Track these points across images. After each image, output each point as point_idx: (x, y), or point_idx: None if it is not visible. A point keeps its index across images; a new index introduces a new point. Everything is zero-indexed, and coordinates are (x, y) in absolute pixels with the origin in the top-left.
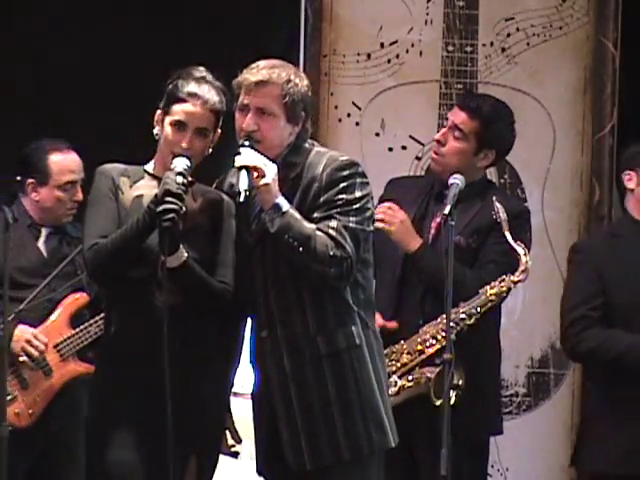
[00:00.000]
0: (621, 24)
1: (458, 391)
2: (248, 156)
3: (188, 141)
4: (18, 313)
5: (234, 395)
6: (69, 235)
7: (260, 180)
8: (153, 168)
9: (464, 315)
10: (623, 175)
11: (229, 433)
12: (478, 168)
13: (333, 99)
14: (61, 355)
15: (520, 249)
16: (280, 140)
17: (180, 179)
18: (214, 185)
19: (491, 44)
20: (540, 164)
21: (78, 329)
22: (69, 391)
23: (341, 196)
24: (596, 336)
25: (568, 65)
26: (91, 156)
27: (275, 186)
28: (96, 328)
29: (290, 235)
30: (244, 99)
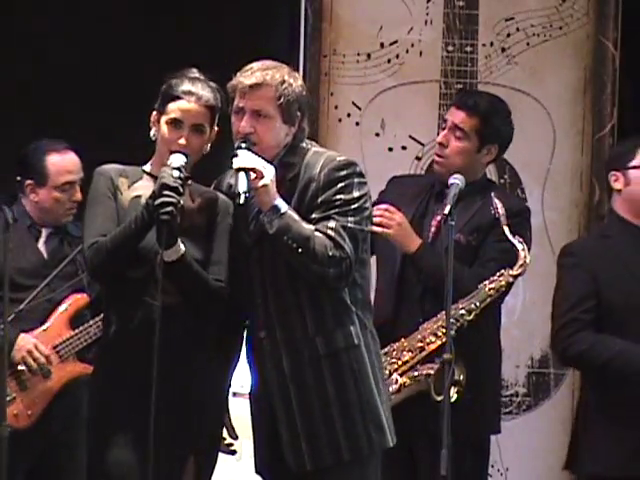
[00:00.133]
0: (621, 24)
1: (459, 387)
2: (246, 158)
3: (185, 138)
4: (18, 313)
5: (233, 395)
6: (70, 235)
7: (258, 182)
8: (151, 168)
9: (463, 311)
10: (609, 176)
11: (226, 430)
12: (481, 165)
13: (333, 99)
14: (60, 356)
15: (518, 244)
16: (277, 141)
17: (177, 173)
18: (212, 186)
19: (491, 44)
20: (540, 164)
21: (77, 330)
22: (70, 392)
23: (339, 196)
24: (587, 340)
25: (568, 65)
26: (91, 156)
27: (273, 187)
28: (96, 329)
29: (289, 236)
30: (239, 102)
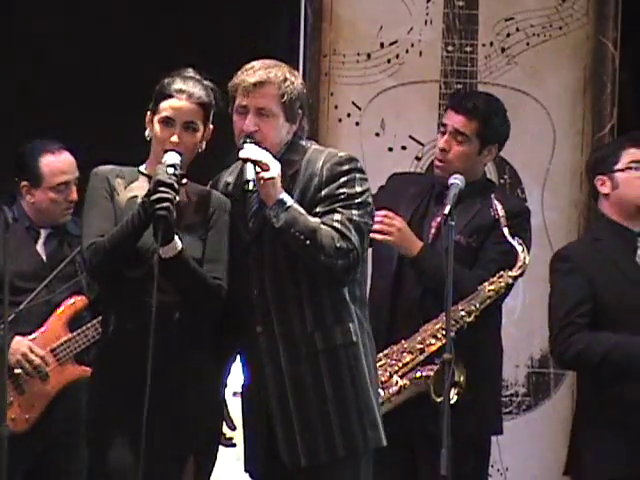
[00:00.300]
0: (621, 24)
1: (459, 389)
2: (253, 150)
3: (177, 136)
4: (18, 313)
5: (234, 395)
6: (70, 234)
7: (265, 174)
8: (147, 169)
9: (463, 312)
10: (595, 181)
11: (224, 422)
12: (481, 165)
13: (333, 99)
14: (58, 359)
15: (518, 245)
16: (280, 139)
17: (171, 170)
18: (209, 185)
19: (491, 44)
20: (540, 164)
21: (75, 333)
22: (69, 394)
23: (342, 190)
24: (583, 340)
25: (568, 65)
26: (91, 156)
27: (279, 181)
28: (94, 332)
29: (296, 229)
30: (242, 101)
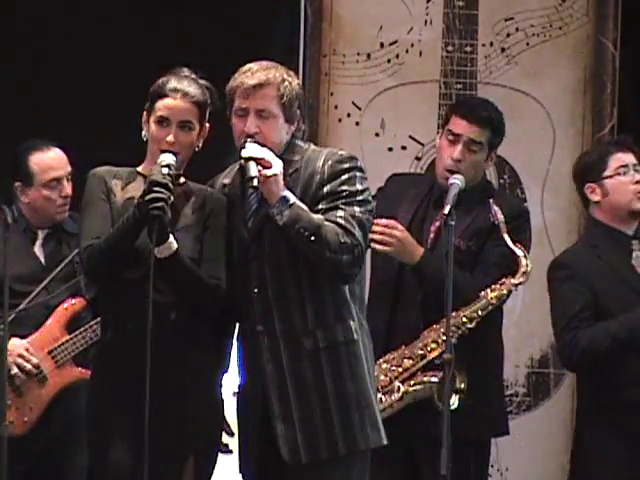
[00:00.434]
0: (621, 24)
1: (461, 395)
2: (255, 149)
3: (173, 135)
4: (18, 313)
5: (233, 395)
6: (68, 233)
7: (267, 172)
8: (144, 169)
9: (465, 319)
10: (585, 189)
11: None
12: (483, 170)
13: (333, 99)
14: (56, 361)
15: (520, 251)
16: (280, 140)
17: (166, 170)
18: (206, 185)
19: (491, 44)
20: (540, 164)
21: (73, 334)
22: (69, 395)
23: (344, 187)
24: (583, 336)
25: (568, 65)
26: (91, 156)
27: (281, 178)
28: (92, 333)
29: (300, 225)
30: (242, 103)
